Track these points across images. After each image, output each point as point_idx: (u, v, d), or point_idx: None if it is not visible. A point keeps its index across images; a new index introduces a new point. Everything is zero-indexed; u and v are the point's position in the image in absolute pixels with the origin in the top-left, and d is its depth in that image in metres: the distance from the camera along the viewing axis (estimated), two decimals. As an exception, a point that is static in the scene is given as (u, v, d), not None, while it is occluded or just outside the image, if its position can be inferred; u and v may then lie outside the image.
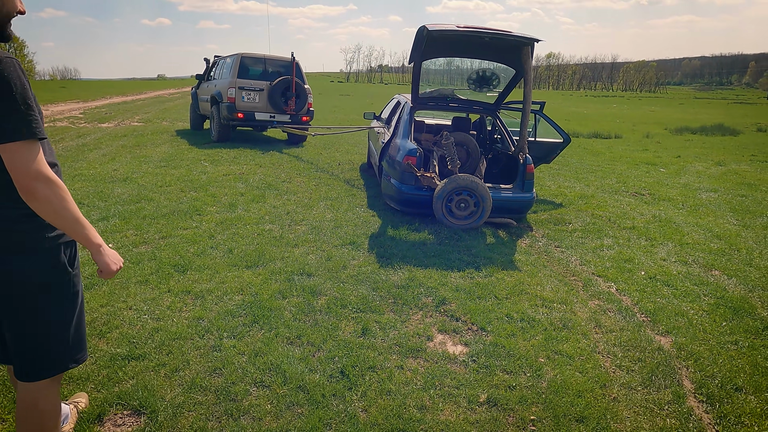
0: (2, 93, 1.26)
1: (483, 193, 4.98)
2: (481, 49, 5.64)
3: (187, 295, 3.29)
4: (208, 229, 4.63)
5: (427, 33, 4.90)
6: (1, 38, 1.40)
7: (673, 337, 3.07)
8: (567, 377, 2.58)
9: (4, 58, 1.28)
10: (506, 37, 5.00)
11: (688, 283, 3.91)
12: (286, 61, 10.12)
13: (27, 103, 1.30)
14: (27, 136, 1.29)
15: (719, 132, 17.31)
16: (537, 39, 5.01)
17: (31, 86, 1.35)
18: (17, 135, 1.28)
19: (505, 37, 5.02)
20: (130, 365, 2.50)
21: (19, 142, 1.28)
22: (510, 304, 3.41)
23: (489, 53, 5.74)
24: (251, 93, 9.66)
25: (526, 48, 5.10)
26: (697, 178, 8.45)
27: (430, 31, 4.85)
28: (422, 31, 5.00)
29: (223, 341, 2.75)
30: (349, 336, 2.89)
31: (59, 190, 1.35)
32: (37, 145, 1.33)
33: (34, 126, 1.31)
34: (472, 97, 6.41)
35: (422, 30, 5.00)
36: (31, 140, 1.30)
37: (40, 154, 1.33)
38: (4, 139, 1.27)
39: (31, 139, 1.30)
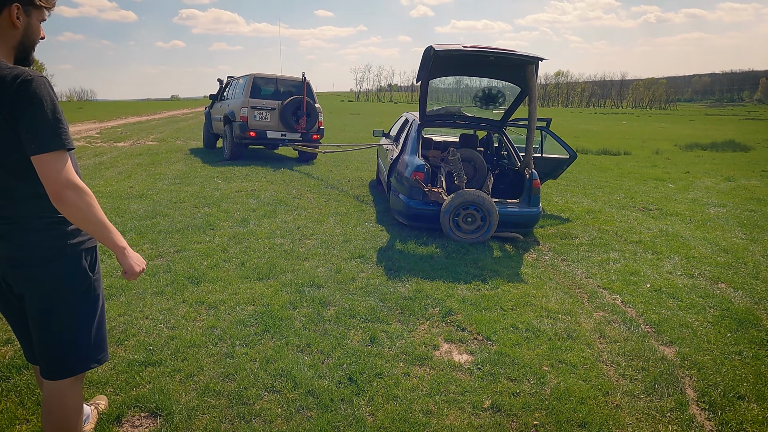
0: (36, 108, 1.39)
1: (489, 208, 5.08)
2: (487, 68, 5.79)
3: (201, 306, 3.40)
4: (221, 243, 4.76)
5: (434, 53, 5.06)
6: (25, 63, 1.55)
7: (678, 348, 3.11)
8: (570, 385, 2.64)
9: (36, 76, 1.41)
10: (511, 56, 5.15)
11: (693, 296, 3.94)
12: (298, 81, 10.37)
13: (57, 117, 1.43)
14: (58, 146, 1.41)
15: (730, 148, 17.27)
16: (541, 58, 5.14)
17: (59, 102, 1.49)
18: (49, 146, 1.40)
19: (510, 56, 5.16)
20: (147, 371, 2.60)
21: (51, 153, 1.40)
22: (515, 315, 3.47)
23: (495, 72, 5.89)
24: (263, 112, 9.91)
25: (531, 66, 5.24)
26: (706, 193, 8.46)
27: (436, 51, 5.01)
28: (429, 51, 5.17)
29: (236, 349, 2.85)
30: (358, 344, 2.97)
31: (87, 197, 1.47)
32: (66, 155, 1.45)
33: (64, 137, 1.44)
34: (479, 114, 6.56)
35: (429, 50, 5.16)
36: (61, 150, 1.43)
37: (69, 163, 1.46)
38: (38, 150, 1.39)
39: (61, 149, 1.43)
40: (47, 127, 1.39)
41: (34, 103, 1.38)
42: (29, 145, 1.39)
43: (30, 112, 1.37)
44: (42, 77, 1.42)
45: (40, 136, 1.39)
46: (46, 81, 1.42)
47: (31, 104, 1.37)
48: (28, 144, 1.39)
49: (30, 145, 1.38)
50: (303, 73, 10.33)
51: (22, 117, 1.37)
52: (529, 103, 5.46)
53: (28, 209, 1.50)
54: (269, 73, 10.38)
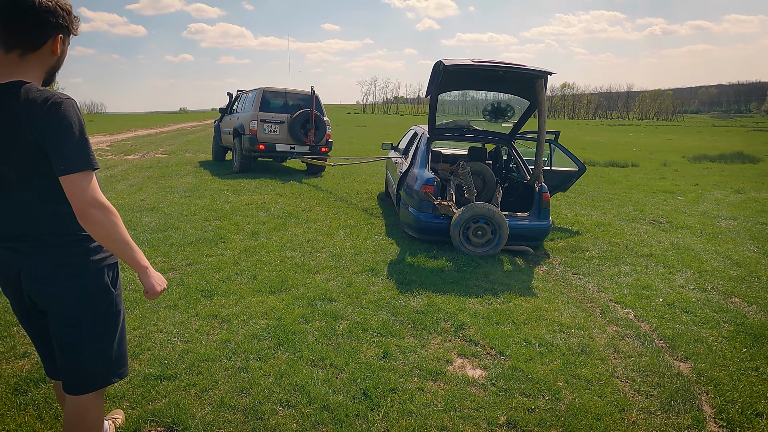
0: (65, 130, 1.42)
1: (500, 221, 5.09)
2: (496, 82, 5.83)
3: (214, 319, 3.42)
4: (232, 256, 4.79)
5: (444, 68, 5.11)
6: (49, 84, 1.59)
7: (693, 363, 3.08)
8: (586, 401, 2.62)
9: (65, 99, 1.45)
10: (520, 70, 5.19)
11: (707, 310, 3.91)
12: (306, 94, 10.48)
13: (84, 138, 1.47)
14: (85, 167, 1.45)
15: (739, 160, 17.19)
16: (550, 72, 5.18)
17: None
18: (77, 166, 1.43)
19: (519, 71, 5.20)
20: (162, 385, 2.61)
21: (78, 173, 1.43)
22: (528, 329, 3.46)
23: (503, 86, 5.94)
24: (272, 125, 10.02)
25: (540, 80, 5.28)
26: (716, 205, 8.42)
27: (446, 65, 5.06)
28: (439, 65, 5.22)
29: (250, 363, 2.86)
30: (371, 359, 2.97)
31: (112, 216, 1.49)
32: (92, 175, 1.48)
33: (91, 158, 1.47)
34: (488, 127, 6.59)
35: (439, 65, 5.22)
36: (87, 170, 1.46)
37: (95, 182, 1.49)
38: (67, 171, 1.42)
39: (88, 169, 1.46)
40: (75, 148, 1.43)
41: (63, 125, 1.41)
42: (58, 166, 1.42)
43: (59, 134, 1.41)
44: (71, 99, 1.46)
45: (68, 156, 1.42)
46: (74, 103, 1.46)
47: (60, 126, 1.41)
48: (57, 164, 1.42)
49: (59, 166, 1.42)
50: (312, 87, 10.46)
51: (51, 138, 1.41)
52: (539, 116, 5.48)
53: (53, 227, 1.53)
54: (278, 87, 10.50)
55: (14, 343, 2.99)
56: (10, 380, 2.60)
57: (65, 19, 1.51)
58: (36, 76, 1.50)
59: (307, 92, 10.48)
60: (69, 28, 1.53)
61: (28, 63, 1.49)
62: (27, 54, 1.48)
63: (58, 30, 1.50)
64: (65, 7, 1.51)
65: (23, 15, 1.44)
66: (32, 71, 1.49)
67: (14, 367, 2.74)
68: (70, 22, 1.53)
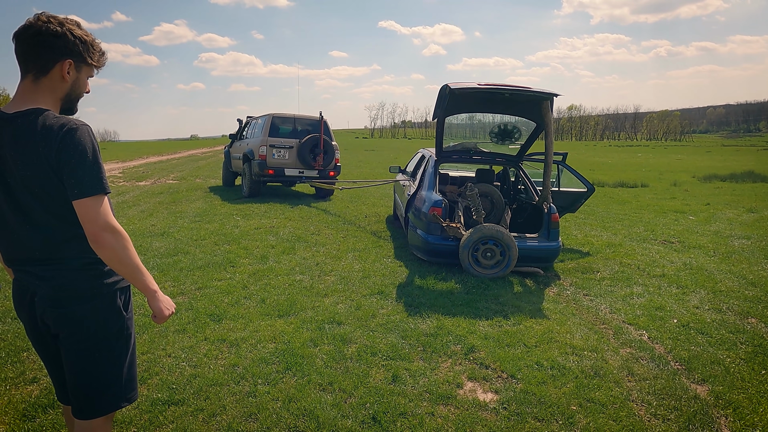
0: (79, 155, 1.46)
1: (509, 242, 5.06)
2: (502, 105, 5.88)
3: (222, 343, 3.41)
4: (241, 280, 4.79)
5: (450, 91, 5.17)
6: (70, 113, 1.63)
7: (710, 386, 3.01)
8: (600, 425, 2.56)
9: (80, 125, 1.49)
10: (526, 92, 5.23)
11: (723, 331, 3.83)
12: (315, 119, 10.63)
13: (97, 163, 1.50)
14: (98, 191, 1.48)
15: (750, 179, 17.04)
16: (556, 94, 5.21)
17: None
18: (90, 191, 1.46)
19: (524, 93, 5.24)
20: (170, 410, 2.59)
21: (91, 197, 1.46)
22: (539, 351, 3.40)
23: (509, 108, 5.98)
24: (281, 150, 10.17)
25: (546, 102, 5.31)
26: (729, 225, 8.31)
27: (452, 89, 5.12)
28: (445, 89, 5.28)
29: (258, 387, 2.83)
30: (380, 383, 2.93)
31: (123, 240, 1.51)
32: (104, 199, 1.51)
33: (104, 182, 1.50)
34: (495, 149, 6.63)
35: (445, 88, 5.28)
36: (100, 195, 1.49)
37: (107, 206, 1.51)
38: (80, 195, 1.45)
39: (101, 194, 1.49)
40: (88, 172, 1.46)
41: (78, 150, 1.45)
42: (72, 190, 1.45)
43: (74, 159, 1.44)
44: (86, 126, 1.49)
45: (82, 181, 1.45)
46: (89, 129, 1.50)
47: (75, 152, 1.44)
48: (71, 188, 1.45)
49: (72, 190, 1.45)
50: (320, 112, 10.62)
51: (66, 164, 1.44)
52: (546, 138, 5.50)
53: (67, 250, 1.55)
54: (287, 113, 10.68)
55: (24, 369, 3.00)
56: (18, 406, 2.60)
57: (77, 46, 1.55)
58: (50, 102, 1.54)
59: (316, 117, 10.62)
60: (83, 56, 1.57)
61: (42, 88, 1.53)
62: (39, 78, 1.53)
63: (67, 55, 1.54)
64: (80, 36, 1.55)
65: (31, 39, 1.50)
66: (46, 97, 1.54)
67: (23, 393, 2.74)
68: (86, 52, 1.57)
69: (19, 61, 1.52)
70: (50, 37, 1.50)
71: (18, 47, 1.52)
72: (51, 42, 1.50)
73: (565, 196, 6.67)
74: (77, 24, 1.58)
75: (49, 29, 1.49)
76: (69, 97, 1.60)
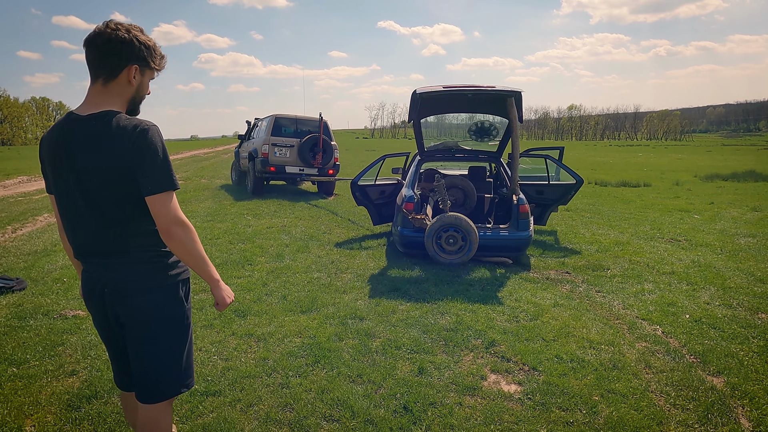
0: (153, 154, 1.56)
1: (468, 229, 5.35)
2: (473, 104, 6.33)
3: (250, 338, 3.51)
4: (260, 277, 4.89)
5: (419, 95, 5.57)
6: (133, 113, 1.73)
7: (726, 378, 3.11)
8: (623, 414, 2.66)
9: (151, 126, 1.59)
10: (489, 91, 5.56)
11: (734, 326, 3.93)
12: (315, 120, 11.13)
13: (167, 160, 1.61)
14: (169, 187, 1.58)
15: (751, 178, 17.14)
16: (518, 91, 5.50)
17: None
18: (162, 187, 1.57)
19: (487, 92, 5.58)
20: (208, 400, 2.69)
21: (163, 193, 1.57)
22: (558, 345, 3.50)
23: (480, 107, 6.43)
24: (283, 149, 10.70)
25: (510, 99, 5.58)
26: (734, 223, 8.42)
27: (420, 93, 5.54)
28: (414, 94, 5.68)
29: (290, 379, 2.93)
30: (407, 375, 3.03)
31: (191, 233, 1.62)
32: (173, 195, 1.61)
33: (174, 179, 1.61)
34: (475, 147, 7.01)
35: (414, 93, 5.68)
36: (171, 191, 1.59)
37: (176, 201, 1.62)
38: (153, 191, 1.56)
39: (171, 190, 1.59)
40: (160, 170, 1.56)
41: (150, 149, 1.55)
42: (146, 187, 1.55)
43: (148, 158, 1.55)
44: (155, 126, 1.60)
45: (155, 178, 1.55)
46: (158, 129, 1.61)
47: (148, 151, 1.55)
48: (144, 185, 1.55)
49: (146, 186, 1.55)
50: (320, 113, 11.15)
51: (140, 162, 1.54)
52: (512, 134, 5.81)
53: (136, 244, 1.65)
54: (289, 114, 11.16)
55: (62, 362, 3.10)
56: (62, 397, 2.70)
57: (142, 51, 1.65)
58: (118, 104, 1.64)
59: (316, 118, 11.09)
60: (147, 60, 1.67)
61: (111, 91, 1.63)
62: (109, 82, 1.63)
63: (133, 60, 1.64)
64: (144, 42, 1.66)
65: (102, 46, 1.60)
66: (115, 100, 1.64)
67: (64, 385, 2.84)
68: (149, 56, 1.67)
69: (89, 67, 1.62)
70: (119, 44, 1.60)
71: (89, 54, 1.61)
72: (119, 48, 1.60)
73: (556, 189, 6.91)
74: (141, 30, 1.68)
75: (118, 36, 1.59)
76: (134, 99, 1.70)
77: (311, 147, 10.72)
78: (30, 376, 2.92)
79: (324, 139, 10.76)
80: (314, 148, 10.72)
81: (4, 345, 3.33)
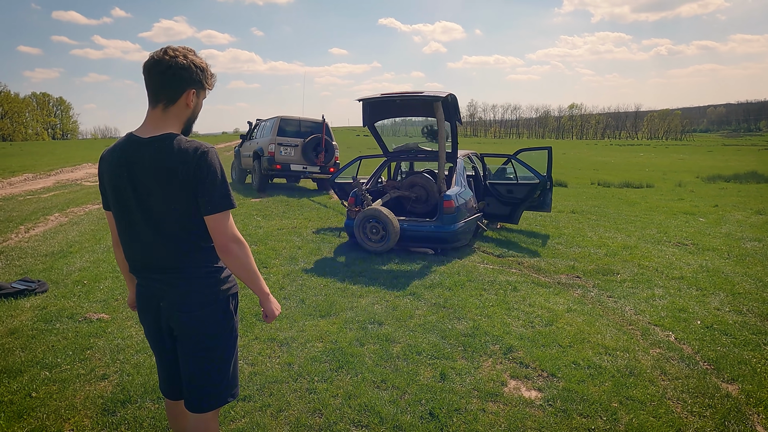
0: (212, 175, 1.63)
1: (385, 220, 5.91)
2: (412, 108, 7.06)
3: (273, 343, 3.58)
4: (277, 280, 4.96)
5: (362, 102, 6.52)
6: (186, 133, 1.80)
7: (740, 385, 3.18)
8: (642, 421, 2.73)
9: (210, 148, 1.66)
10: (416, 96, 6.23)
11: (746, 333, 4.01)
12: (317, 121, 11.85)
13: (225, 181, 1.68)
14: (227, 207, 1.66)
15: (753, 179, 17.21)
16: (441, 97, 6.05)
17: None
18: (221, 207, 1.64)
19: (415, 97, 6.26)
20: (239, 405, 2.77)
21: (222, 212, 1.65)
22: (574, 351, 3.58)
23: (419, 111, 7.12)
24: (288, 148, 11.44)
25: (436, 103, 6.17)
26: (739, 227, 8.49)
27: (362, 100, 6.46)
28: (362, 101, 6.55)
29: (316, 385, 3.01)
30: (430, 381, 3.11)
31: (247, 249, 1.70)
32: (230, 214, 1.69)
33: (232, 199, 1.68)
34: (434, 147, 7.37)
35: (361, 100, 6.54)
36: (229, 210, 1.67)
37: (232, 220, 1.69)
38: (214, 211, 1.63)
39: (229, 209, 1.66)
40: (219, 191, 1.64)
41: (210, 171, 1.62)
42: (206, 206, 1.62)
43: (208, 179, 1.62)
44: (213, 148, 1.67)
45: (214, 198, 1.63)
46: (216, 151, 1.68)
47: (209, 172, 1.62)
48: (205, 204, 1.62)
49: (206, 206, 1.62)
50: (323, 116, 11.94)
51: (201, 183, 1.62)
52: (438, 135, 6.36)
53: (191, 260, 1.72)
54: (293, 115, 11.84)
55: (92, 366, 3.17)
56: (97, 401, 2.77)
57: (198, 75, 1.72)
58: (176, 126, 1.72)
59: (318, 120, 11.84)
60: (203, 83, 1.74)
61: (170, 115, 1.70)
62: (169, 107, 1.69)
63: (192, 85, 1.71)
64: (200, 65, 1.72)
65: (163, 74, 1.66)
66: (174, 122, 1.71)
67: (97, 389, 2.91)
68: (204, 78, 1.74)
69: (149, 92, 1.68)
70: (179, 71, 1.66)
71: (149, 80, 1.67)
72: (180, 74, 1.67)
73: (523, 188, 7.25)
74: (194, 53, 1.74)
75: (177, 63, 1.66)
76: (189, 120, 1.77)
77: (314, 147, 11.44)
78: (63, 380, 2.99)
79: (326, 140, 11.50)
80: (317, 147, 11.47)
81: (34, 348, 3.41)
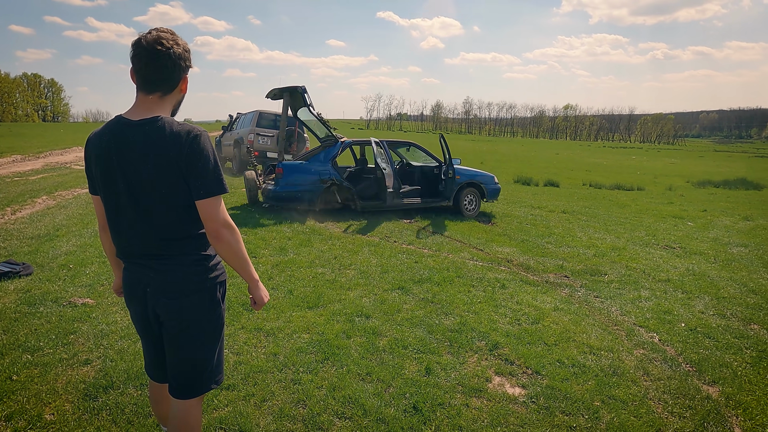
0: (205, 159, 1.61)
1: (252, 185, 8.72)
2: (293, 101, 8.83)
3: (259, 332, 3.57)
4: (265, 271, 4.94)
5: None
6: (173, 114, 1.77)
7: (720, 387, 3.22)
8: (623, 420, 2.76)
9: (202, 132, 1.63)
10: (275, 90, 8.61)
11: (728, 336, 4.06)
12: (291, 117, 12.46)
13: (218, 165, 1.67)
14: (219, 192, 1.64)
15: (742, 186, 17.44)
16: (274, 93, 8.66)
17: None
18: (213, 191, 1.62)
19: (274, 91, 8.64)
20: (223, 394, 2.76)
21: (214, 197, 1.63)
22: (559, 350, 3.60)
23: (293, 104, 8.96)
24: (265, 138, 13.18)
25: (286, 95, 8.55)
26: (726, 232, 8.59)
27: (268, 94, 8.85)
28: None
29: (301, 375, 3.00)
30: (415, 375, 3.11)
31: (237, 235, 1.69)
32: (222, 199, 1.67)
33: (224, 184, 1.66)
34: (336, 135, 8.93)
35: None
36: (220, 195, 1.65)
37: (224, 205, 1.67)
38: (206, 195, 1.61)
39: (221, 194, 1.64)
40: (211, 175, 1.62)
41: (203, 155, 1.60)
42: (197, 190, 1.60)
43: (200, 163, 1.60)
44: (205, 132, 1.65)
45: (206, 182, 1.61)
46: (208, 135, 1.66)
47: (201, 156, 1.60)
48: (196, 189, 1.60)
49: (198, 190, 1.60)
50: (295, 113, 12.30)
51: (194, 167, 1.59)
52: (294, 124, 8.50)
53: (181, 248, 1.70)
54: (270, 110, 13.63)
55: (75, 351, 3.14)
56: (78, 386, 2.75)
57: (189, 59, 1.70)
58: (168, 110, 1.70)
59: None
60: (190, 65, 1.72)
61: (166, 102, 1.69)
62: (166, 95, 1.67)
63: (186, 71, 1.70)
64: (187, 48, 1.70)
65: (163, 65, 1.63)
66: (167, 107, 1.70)
67: (79, 374, 2.89)
68: (190, 60, 1.72)
69: (144, 81, 1.64)
70: (177, 61, 1.64)
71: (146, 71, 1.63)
72: (178, 65, 1.65)
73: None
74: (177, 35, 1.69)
75: (175, 53, 1.63)
76: (179, 102, 1.75)
77: (288, 137, 12.51)
78: (45, 364, 2.96)
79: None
80: (290, 138, 12.62)
81: (16, 331, 3.37)
